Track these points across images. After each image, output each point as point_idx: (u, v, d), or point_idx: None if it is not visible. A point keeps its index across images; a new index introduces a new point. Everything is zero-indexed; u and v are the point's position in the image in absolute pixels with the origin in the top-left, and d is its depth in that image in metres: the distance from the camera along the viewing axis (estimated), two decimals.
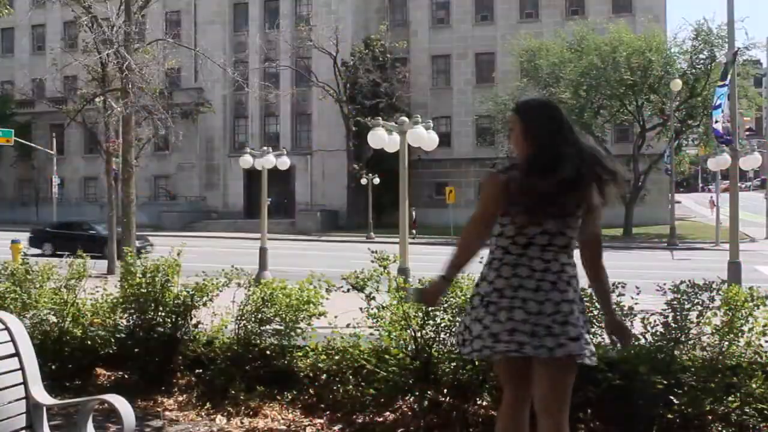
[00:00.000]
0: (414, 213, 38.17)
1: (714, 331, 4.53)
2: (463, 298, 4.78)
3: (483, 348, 3.27)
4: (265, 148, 21.99)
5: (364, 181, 41.50)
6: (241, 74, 28.07)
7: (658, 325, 4.58)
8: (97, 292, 6.27)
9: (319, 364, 5.34)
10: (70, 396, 5.31)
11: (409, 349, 4.96)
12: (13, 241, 22.54)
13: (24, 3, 46.86)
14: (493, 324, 3.23)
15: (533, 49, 41.14)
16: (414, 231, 37.30)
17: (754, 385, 4.35)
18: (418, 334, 4.90)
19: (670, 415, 4.37)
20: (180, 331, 5.90)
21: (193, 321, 5.96)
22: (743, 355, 4.51)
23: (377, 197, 41.97)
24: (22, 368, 3.41)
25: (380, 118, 15.64)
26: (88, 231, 28.54)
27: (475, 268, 4.95)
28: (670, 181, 37.64)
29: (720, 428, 4.42)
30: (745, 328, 4.50)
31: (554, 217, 3.24)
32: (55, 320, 6.08)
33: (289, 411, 5.28)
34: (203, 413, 5.39)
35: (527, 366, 3.35)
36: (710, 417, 4.42)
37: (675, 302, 4.54)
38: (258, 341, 5.62)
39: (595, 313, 4.42)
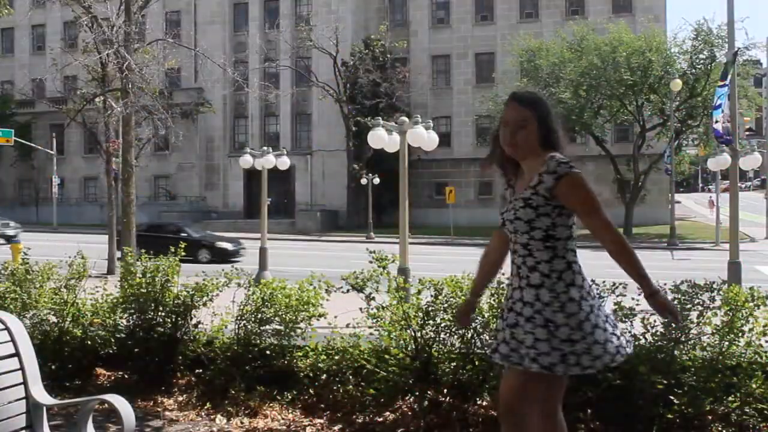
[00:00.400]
0: None
1: (714, 331, 4.53)
2: (463, 298, 4.77)
3: (620, 348, 3.17)
4: (265, 148, 21.95)
5: (364, 181, 41.51)
6: (241, 74, 28.05)
7: (658, 325, 4.58)
8: (97, 292, 6.27)
9: (319, 364, 5.34)
10: (70, 396, 5.32)
11: (409, 349, 4.95)
12: (14, 241, 22.54)
13: (24, 3, 46.88)
14: (607, 326, 3.17)
15: (533, 49, 41.12)
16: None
17: (754, 385, 4.35)
18: (418, 334, 4.90)
19: (670, 415, 4.37)
20: (180, 331, 5.90)
21: (193, 321, 5.96)
22: (743, 355, 4.51)
23: (377, 197, 41.97)
24: (22, 368, 3.41)
25: (380, 118, 15.62)
26: (178, 234, 27.12)
27: (473, 268, 4.96)
28: (670, 181, 37.66)
29: (720, 428, 4.42)
30: (746, 328, 4.50)
31: None
32: (55, 320, 6.08)
33: (289, 411, 5.28)
34: (203, 413, 5.39)
35: None
36: (710, 417, 4.42)
37: (675, 302, 4.54)
38: (258, 341, 5.62)
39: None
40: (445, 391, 4.86)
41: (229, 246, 26.65)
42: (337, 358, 5.29)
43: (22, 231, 34.52)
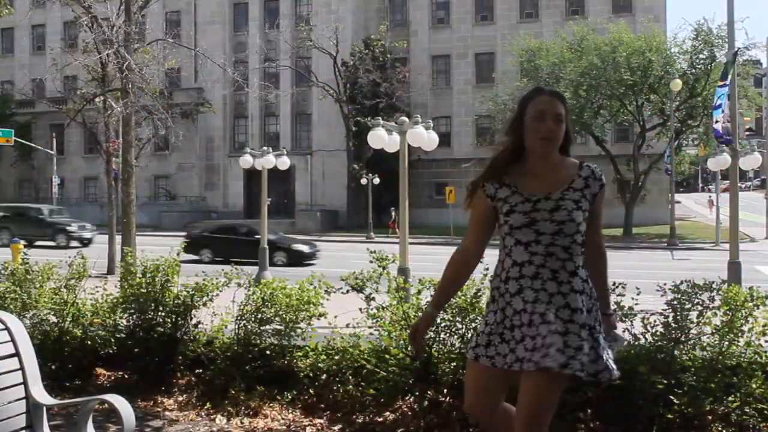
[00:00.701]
0: (393, 213, 37.34)
1: (714, 331, 4.53)
2: (463, 298, 4.77)
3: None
4: (265, 148, 21.95)
5: (364, 181, 41.52)
6: (241, 74, 28.03)
7: (658, 325, 4.57)
8: (97, 292, 6.28)
9: (319, 364, 5.34)
10: (70, 396, 5.32)
11: (409, 349, 4.95)
12: (13, 241, 22.53)
13: (24, 3, 46.87)
14: None
15: (533, 49, 41.11)
16: (391, 231, 37.39)
17: (754, 385, 4.35)
18: None
19: (670, 415, 4.37)
20: (180, 331, 5.90)
21: (193, 321, 5.96)
22: (743, 355, 4.51)
23: (377, 197, 41.99)
24: (22, 368, 3.41)
25: (380, 118, 15.62)
26: (252, 236, 25.46)
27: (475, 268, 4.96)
28: (670, 181, 37.64)
29: (720, 428, 4.42)
30: (745, 328, 4.50)
31: None
32: (55, 320, 6.08)
33: (289, 411, 5.28)
34: (203, 413, 5.39)
35: None
36: (710, 417, 4.42)
37: (675, 302, 4.54)
38: (258, 341, 5.62)
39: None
40: (445, 391, 4.85)
41: (305, 248, 25.55)
42: (337, 358, 5.29)
43: (98, 233, 34.01)
